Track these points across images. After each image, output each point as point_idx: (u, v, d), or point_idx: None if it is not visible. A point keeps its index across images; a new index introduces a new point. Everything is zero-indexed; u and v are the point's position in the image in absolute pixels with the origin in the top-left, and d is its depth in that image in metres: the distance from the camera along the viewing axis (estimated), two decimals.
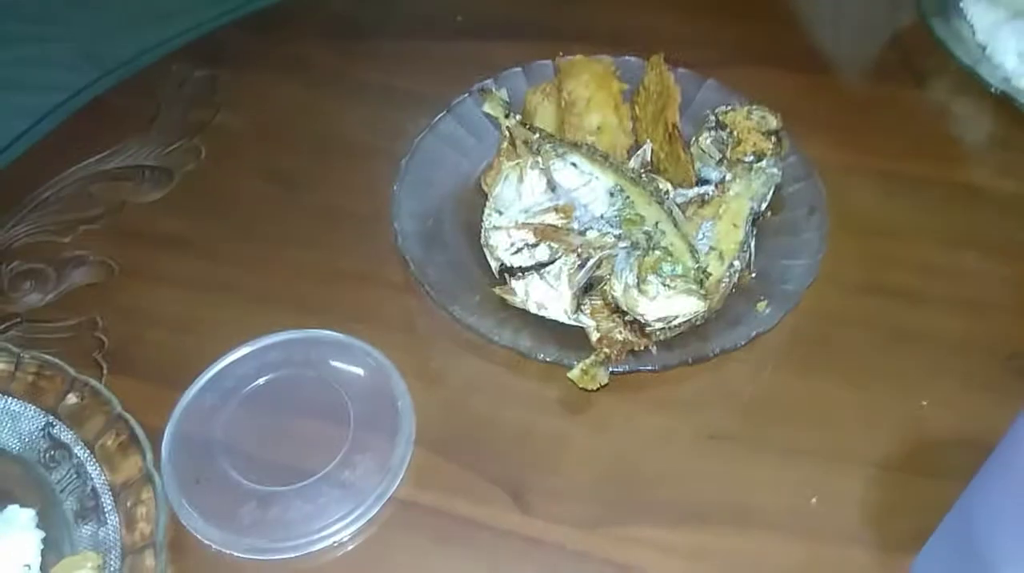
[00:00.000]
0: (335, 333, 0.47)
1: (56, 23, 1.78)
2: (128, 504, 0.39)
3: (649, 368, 0.44)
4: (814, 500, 0.42)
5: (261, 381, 0.45)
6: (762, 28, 0.68)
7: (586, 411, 0.46)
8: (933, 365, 0.47)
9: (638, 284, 0.43)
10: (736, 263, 0.47)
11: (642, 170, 0.51)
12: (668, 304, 0.42)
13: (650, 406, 0.46)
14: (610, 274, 0.44)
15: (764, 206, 0.50)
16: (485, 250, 0.48)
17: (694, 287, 0.43)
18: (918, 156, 0.59)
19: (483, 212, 0.49)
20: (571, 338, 0.45)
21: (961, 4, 0.63)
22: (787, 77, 0.64)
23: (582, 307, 0.45)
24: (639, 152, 0.52)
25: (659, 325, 0.43)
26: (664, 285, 0.43)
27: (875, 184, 0.57)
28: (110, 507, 0.39)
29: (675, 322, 0.43)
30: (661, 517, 0.42)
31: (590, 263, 0.45)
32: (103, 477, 0.40)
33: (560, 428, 0.45)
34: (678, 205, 0.49)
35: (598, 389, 0.43)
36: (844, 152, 0.58)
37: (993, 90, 0.58)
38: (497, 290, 0.47)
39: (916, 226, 0.55)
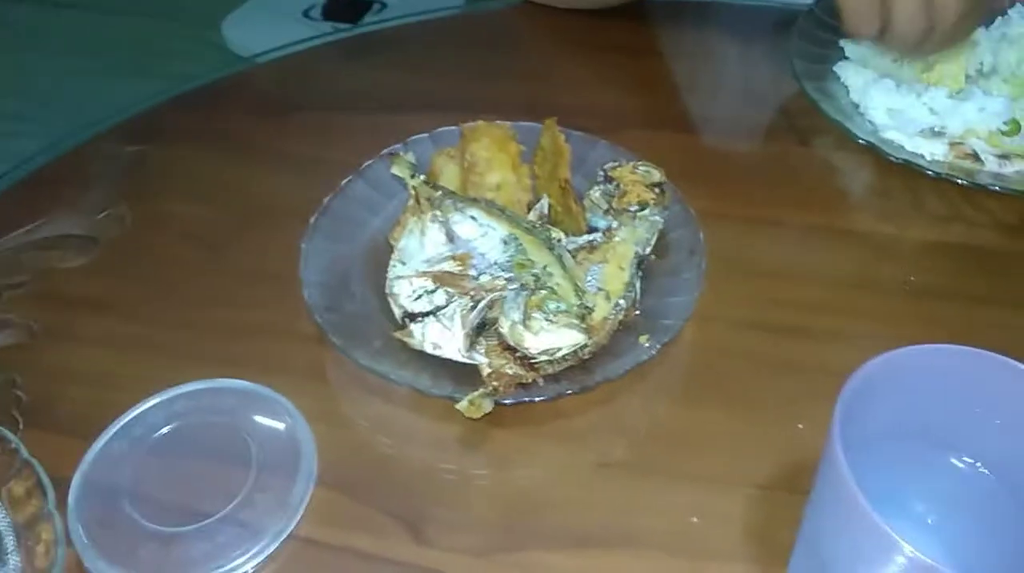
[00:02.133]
0: (242, 382, 0.49)
1: (29, 121, 1.85)
2: (29, 543, 0.40)
3: (538, 398, 0.47)
4: (695, 519, 0.44)
5: (168, 429, 0.47)
6: (653, 98, 0.73)
7: (484, 446, 0.48)
8: (810, 392, 0.50)
9: (524, 320, 0.46)
10: (622, 302, 0.50)
11: (539, 221, 0.55)
12: (550, 337, 0.45)
13: (545, 439, 0.48)
14: (500, 314, 0.47)
15: (648, 250, 0.54)
16: (389, 299, 0.51)
17: (575, 321, 0.46)
18: (803, 206, 0.63)
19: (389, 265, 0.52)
20: (467, 376, 0.48)
21: (834, 68, 0.69)
22: (677, 140, 0.69)
23: (476, 346, 0.48)
24: (537, 206, 0.56)
25: (544, 358, 0.46)
26: (547, 320, 0.46)
27: (762, 232, 0.61)
28: (12, 548, 0.40)
29: (559, 354, 0.46)
30: (553, 542, 0.44)
31: (482, 304, 0.48)
32: (7, 519, 0.41)
33: (459, 463, 0.48)
34: (569, 251, 0.53)
35: (482, 417, 0.46)
36: (733, 204, 0.63)
37: (861, 141, 0.62)
38: (397, 334, 0.50)
39: (800, 269, 0.59)
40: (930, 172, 0.60)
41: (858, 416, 0.34)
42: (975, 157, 0.61)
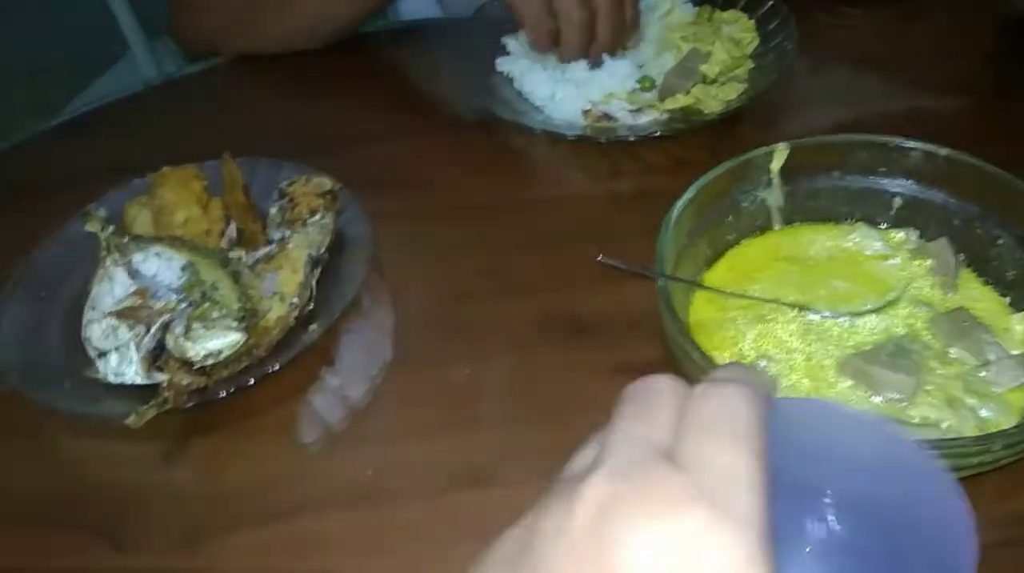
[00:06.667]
0: None
1: None
2: None
3: (221, 395, 0.51)
4: (369, 470, 0.50)
5: None
6: (358, 118, 0.80)
7: (186, 456, 0.52)
8: (478, 338, 0.57)
9: (185, 332, 0.51)
10: (296, 300, 0.56)
11: (228, 245, 0.60)
12: (209, 342, 0.50)
13: (240, 435, 0.53)
14: (169, 332, 0.52)
15: (323, 250, 0.59)
16: (85, 345, 0.55)
17: (233, 323, 0.51)
18: (486, 189, 0.70)
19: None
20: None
21: (497, 62, 0.77)
22: (379, 151, 0.74)
23: (159, 366, 0.52)
24: (227, 232, 0.61)
25: (211, 361, 0.50)
26: (205, 328, 0.50)
27: (451, 216, 0.68)
28: None
29: (223, 356, 0.51)
30: (248, 523, 0.48)
31: (154, 328, 0.52)
32: None
33: (163, 476, 0.51)
34: (250, 266, 0.58)
35: (182, 430, 0.52)
36: (431, 196, 0.70)
37: (506, 120, 0.70)
38: (87, 373, 0.53)
39: (481, 242, 0.65)
40: (570, 136, 0.68)
41: None
42: (608, 117, 0.70)
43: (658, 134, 0.68)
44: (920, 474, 0.31)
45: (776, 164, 0.53)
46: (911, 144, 0.52)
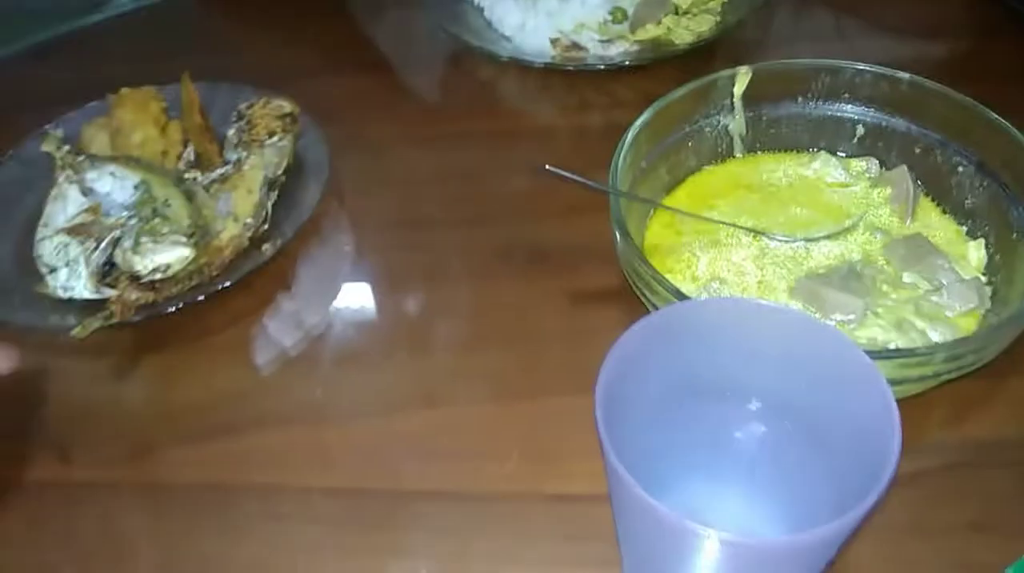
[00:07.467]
0: None
1: None
2: None
3: (169, 311, 0.51)
4: (319, 391, 0.49)
5: None
6: (327, 49, 0.78)
7: (136, 372, 0.52)
8: (436, 265, 0.57)
9: (134, 246, 0.50)
10: (250, 221, 0.55)
11: (184, 167, 0.59)
12: (158, 256, 0.50)
13: (191, 353, 0.52)
14: (118, 246, 0.51)
15: (279, 172, 0.58)
16: (36, 261, 0.54)
17: (182, 239, 0.50)
18: (451, 119, 0.69)
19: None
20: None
21: None
22: (348, 82, 0.74)
23: (108, 281, 0.52)
24: (185, 153, 0.61)
25: (158, 275, 0.50)
26: (154, 242, 0.50)
27: (415, 146, 0.67)
28: None
29: (170, 271, 0.50)
30: (195, 438, 0.48)
31: (104, 243, 0.52)
32: None
33: (112, 392, 0.51)
34: (205, 186, 0.57)
35: (131, 347, 0.51)
36: (396, 126, 0.68)
37: (475, 46, 0.69)
38: (36, 289, 0.53)
39: (443, 171, 0.64)
40: (538, 63, 0.67)
41: (630, 384, 0.31)
42: (577, 47, 0.68)
43: (627, 64, 0.66)
44: (854, 374, 0.31)
45: (739, 88, 0.52)
46: (873, 69, 0.51)
